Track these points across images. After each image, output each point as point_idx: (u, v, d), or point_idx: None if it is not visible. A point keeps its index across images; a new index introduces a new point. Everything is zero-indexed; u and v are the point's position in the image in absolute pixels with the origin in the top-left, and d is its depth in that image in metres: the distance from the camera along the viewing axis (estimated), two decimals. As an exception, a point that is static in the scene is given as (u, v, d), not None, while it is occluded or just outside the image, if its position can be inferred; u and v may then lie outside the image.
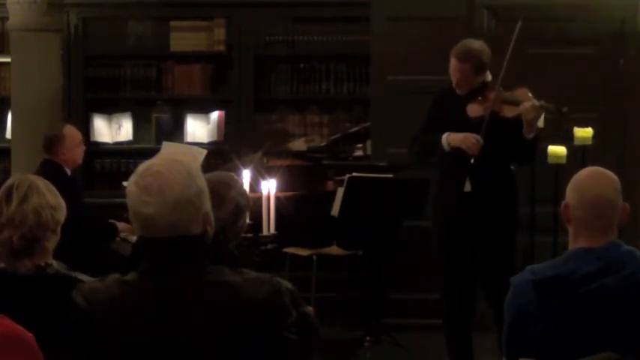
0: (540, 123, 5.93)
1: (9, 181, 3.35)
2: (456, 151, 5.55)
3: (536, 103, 5.39)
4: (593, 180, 3.13)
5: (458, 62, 5.62)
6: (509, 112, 5.48)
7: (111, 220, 6.34)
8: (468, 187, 5.58)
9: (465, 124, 5.55)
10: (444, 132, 5.62)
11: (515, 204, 5.68)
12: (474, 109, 5.58)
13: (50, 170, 5.98)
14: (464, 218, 5.59)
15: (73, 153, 6.24)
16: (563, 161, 6.63)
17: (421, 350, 6.61)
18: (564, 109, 5.44)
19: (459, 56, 5.62)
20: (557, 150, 6.68)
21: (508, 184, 5.66)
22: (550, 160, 6.69)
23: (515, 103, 5.47)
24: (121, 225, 6.25)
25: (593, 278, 3.02)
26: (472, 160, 5.51)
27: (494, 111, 5.50)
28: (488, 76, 5.68)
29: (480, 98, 5.58)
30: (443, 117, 5.72)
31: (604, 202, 3.09)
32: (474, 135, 5.49)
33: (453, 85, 5.67)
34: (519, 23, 5.68)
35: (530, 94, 5.49)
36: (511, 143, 5.49)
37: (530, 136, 5.44)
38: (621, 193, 3.14)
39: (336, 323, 6.77)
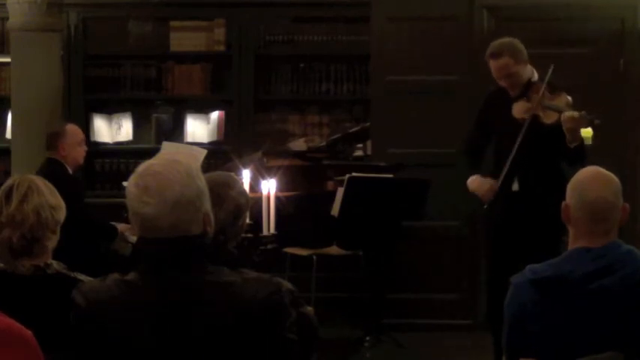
0: (588, 140, 6.08)
1: (9, 181, 3.35)
2: (504, 149, 5.61)
3: (576, 114, 5.34)
4: (593, 181, 3.13)
5: (494, 60, 5.63)
6: (548, 118, 5.48)
7: (112, 223, 6.34)
8: (515, 187, 5.63)
9: (509, 125, 5.57)
10: (490, 132, 5.74)
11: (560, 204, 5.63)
12: (518, 110, 5.58)
13: (52, 169, 5.99)
14: (511, 217, 5.62)
15: (74, 151, 6.24)
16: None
17: (421, 350, 6.62)
18: (597, 122, 5.39)
19: (492, 54, 5.64)
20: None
21: (557, 184, 5.62)
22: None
23: (557, 110, 5.46)
24: (121, 226, 6.24)
25: (593, 278, 3.02)
26: (485, 206, 5.68)
27: (536, 114, 5.50)
28: (535, 75, 5.66)
29: (525, 98, 5.58)
30: (490, 117, 5.78)
31: (604, 204, 3.09)
32: (489, 181, 5.63)
33: (502, 84, 5.66)
34: (552, 67, 5.61)
35: (570, 101, 5.47)
36: (555, 149, 5.49)
37: (572, 145, 5.41)
38: (621, 194, 3.14)
39: (336, 323, 6.77)
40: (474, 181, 5.73)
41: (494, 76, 5.67)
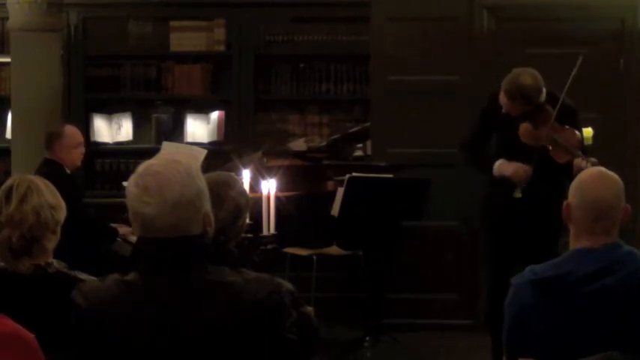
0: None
1: (9, 181, 3.35)
2: (509, 158, 5.60)
3: (584, 163, 5.27)
4: (596, 181, 3.13)
5: (506, 97, 5.55)
6: (559, 157, 5.45)
7: (112, 224, 6.33)
8: (518, 193, 5.62)
9: (516, 141, 5.54)
10: (493, 131, 5.71)
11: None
12: (525, 134, 5.53)
13: (50, 169, 5.99)
14: (512, 224, 5.63)
15: (71, 153, 6.23)
16: (564, 161, 6.62)
17: (421, 350, 6.61)
18: (593, 160, 5.36)
19: (508, 93, 5.54)
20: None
21: (559, 192, 5.62)
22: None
23: (567, 152, 5.44)
24: (122, 229, 6.24)
25: (594, 278, 3.02)
26: (519, 194, 5.58)
27: (545, 146, 5.49)
28: (543, 95, 5.58)
29: (532, 122, 5.52)
30: (494, 126, 5.75)
31: (605, 204, 3.09)
32: (523, 167, 5.55)
33: (504, 111, 5.60)
34: (580, 58, 5.60)
35: (578, 137, 5.46)
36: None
37: (562, 161, 5.44)
38: (624, 195, 3.14)
39: (336, 323, 6.77)
40: (510, 165, 5.61)
41: (506, 109, 5.58)
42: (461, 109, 6.84)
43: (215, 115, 7.97)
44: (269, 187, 4.58)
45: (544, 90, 5.59)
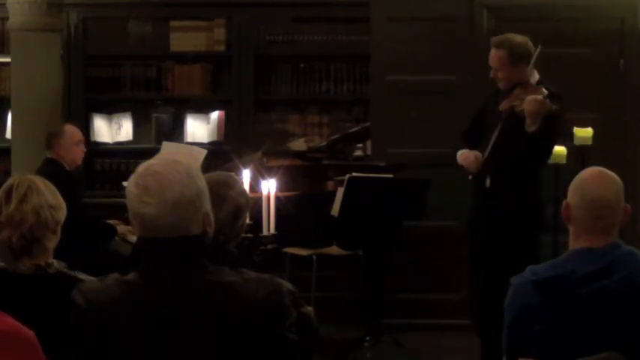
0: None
1: (9, 181, 3.35)
2: (481, 146, 5.66)
3: (539, 97, 5.34)
4: (595, 181, 3.13)
5: (493, 49, 5.68)
6: (519, 106, 5.47)
7: (110, 221, 6.35)
8: (488, 183, 5.68)
9: (495, 120, 5.62)
10: (480, 128, 5.77)
11: (532, 205, 5.64)
12: (503, 105, 5.60)
13: (51, 168, 6.03)
14: (483, 214, 5.68)
15: (71, 150, 6.28)
16: (564, 161, 6.63)
17: (421, 350, 6.62)
18: (554, 107, 5.38)
19: (494, 43, 5.69)
20: (557, 150, 6.67)
21: (528, 183, 5.64)
22: (550, 160, 6.68)
23: (524, 98, 5.47)
24: (121, 227, 6.25)
25: (594, 278, 3.02)
26: (470, 177, 5.69)
27: (513, 106, 5.51)
28: (534, 77, 5.64)
29: (510, 94, 5.60)
30: (483, 113, 5.83)
31: (605, 204, 3.09)
32: (474, 153, 5.64)
33: (491, 75, 5.70)
34: (539, 48, 5.64)
35: (545, 92, 5.46)
36: (529, 152, 5.51)
37: (529, 129, 5.38)
38: (623, 195, 3.14)
39: (336, 323, 6.77)
40: (462, 154, 5.74)
41: (492, 73, 5.69)
42: (461, 109, 6.82)
43: (215, 115, 7.97)
44: (269, 187, 4.58)
45: (533, 74, 5.63)
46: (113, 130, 8.06)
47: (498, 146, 5.58)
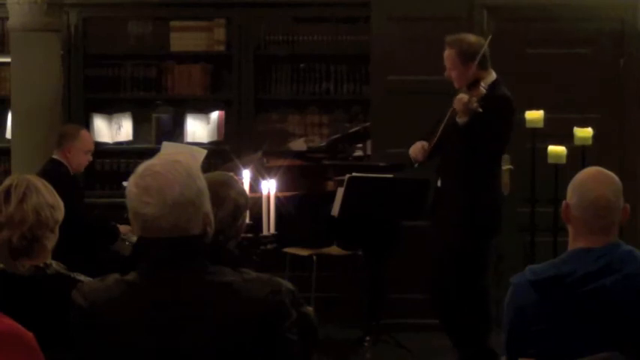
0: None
1: (6, 181, 3.34)
2: (439, 149, 5.79)
3: (465, 97, 5.47)
4: (595, 181, 3.13)
5: (446, 48, 5.78)
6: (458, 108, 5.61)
7: (113, 223, 6.34)
8: (439, 183, 5.84)
9: (443, 116, 5.75)
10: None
11: (482, 206, 5.65)
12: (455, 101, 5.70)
13: (52, 168, 6.05)
14: (434, 214, 5.85)
15: (79, 156, 6.34)
16: (563, 161, 6.63)
17: (421, 350, 6.62)
18: (478, 108, 5.43)
19: (447, 42, 5.79)
20: (557, 150, 6.68)
21: (479, 184, 5.65)
22: (550, 160, 6.69)
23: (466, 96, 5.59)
24: (122, 227, 6.25)
25: (593, 278, 3.02)
26: (415, 165, 5.87)
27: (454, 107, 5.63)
28: (491, 77, 5.68)
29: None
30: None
31: (604, 204, 3.09)
32: (421, 142, 5.81)
33: (445, 74, 5.81)
34: (490, 37, 5.79)
35: (482, 91, 5.51)
36: (473, 151, 5.61)
37: (460, 120, 5.53)
38: (622, 195, 3.14)
39: (336, 323, 6.77)
40: (412, 145, 5.88)
41: (447, 72, 5.82)
42: (461, 109, 6.83)
43: (215, 115, 7.97)
44: (269, 187, 4.59)
45: (490, 75, 5.70)
46: (113, 130, 8.06)
47: (442, 139, 5.69)
